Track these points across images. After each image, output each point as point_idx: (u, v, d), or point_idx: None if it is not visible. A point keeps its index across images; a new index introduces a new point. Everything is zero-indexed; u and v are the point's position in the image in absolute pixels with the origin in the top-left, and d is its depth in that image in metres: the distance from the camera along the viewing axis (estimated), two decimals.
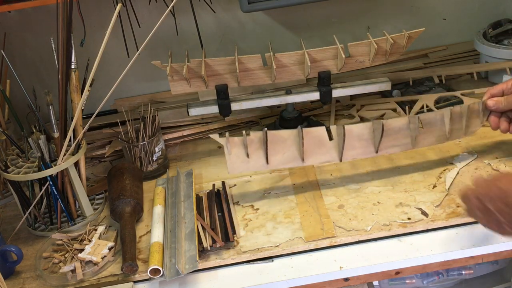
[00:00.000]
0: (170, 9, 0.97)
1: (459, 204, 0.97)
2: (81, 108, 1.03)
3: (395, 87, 1.37)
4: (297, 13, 1.42)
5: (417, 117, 1.03)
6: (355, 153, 1.04)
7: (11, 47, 1.33)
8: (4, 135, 1.12)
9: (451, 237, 0.92)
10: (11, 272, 0.98)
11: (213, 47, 1.43)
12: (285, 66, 1.13)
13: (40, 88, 1.38)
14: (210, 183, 1.14)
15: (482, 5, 1.48)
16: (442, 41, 1.52)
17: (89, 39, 1.22)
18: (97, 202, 1.14)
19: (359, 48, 1.13)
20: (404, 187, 1.04)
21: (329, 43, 1.15)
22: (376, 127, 1.02)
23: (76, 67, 1.02)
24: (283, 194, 1.07)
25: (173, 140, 1.33)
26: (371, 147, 1.04)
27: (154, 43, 1.38)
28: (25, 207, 1.06)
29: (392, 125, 1.03)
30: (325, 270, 0.90)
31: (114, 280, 0.93)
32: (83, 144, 1.07)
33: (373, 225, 0.95)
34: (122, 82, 0.98)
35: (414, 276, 1.37)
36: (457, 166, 1.07)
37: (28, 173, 1.02)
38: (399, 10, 1.45)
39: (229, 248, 0.95)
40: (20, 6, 1.11)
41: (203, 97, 1.34)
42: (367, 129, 1.03)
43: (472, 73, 1.38)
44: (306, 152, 1.02)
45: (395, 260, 0.90)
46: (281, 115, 1.23)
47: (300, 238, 0.95)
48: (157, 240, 0.95)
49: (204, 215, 1.02)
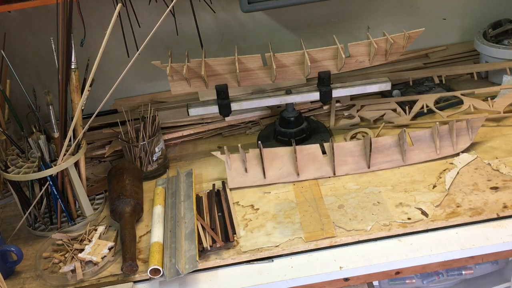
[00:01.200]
0: (170, 9, 0.97)
1: (459, 204, 0.97)
2: (81, 108, 1.03)
3: (395, 87, 1.37)
4: (297, 13, 1.42)
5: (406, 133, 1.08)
6: (347, 168, 1.10)
7: (11, 47, 1.33)
8: (4, 135, 1.12)
9: (451, 237, 0.92)
10: (11, 272, 0.98)
11: (213, 47, 1.43)
12: (285, 66, 1.13)
13: (40, 88, 1.39)
14: (210, 183, 1.14)
15: (482, 5, 1.48)
16: (442, 41, 1.52)
17: (89, 39, 1.22)
18: (97, 202, 1.14)
19: (359, 48, 1.13)
20: (404, 187, 1.04)
21: (329, 43, 1.15)
22: (366, 143, 1.08)
23: (76, 67, 1.02)
24: (283, 194, 1.07)
25: (173, 140, 1.33)
26: (363, 163, 1.10)
27: (154, 43, 1.38)
28: (25, 207, 1.06)
29: (381, 142, 1.10)
30: (325, 270, 0.90)
31: (114, 280, 0.93)
32: (83, 144, 1.07)
33: (373, 225, 0.95)
34: (122, 82, 0.98)
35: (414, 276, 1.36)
36: (457, 166, 1.07)
37: (28, 173, 1.02)
38: (399, 10, 1.45)
39: (229, 248, 0.95)
40: (20, 6, 1.11)
41: (203, 97, 1.34)
42: (359, 146, 1.11)
43: (472, 73, 1.38)
44: (301, 168, 1.11)
45: (395, 260, 0.90)
46: (281, 115, 1.23)
47: (300, 238, 0.95)
48: (157, 240, 0.95)
49: (204, 215, 1.02)
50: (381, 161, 1.10)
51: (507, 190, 0.99)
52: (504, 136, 1.15)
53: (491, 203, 0.96)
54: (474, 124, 1.11)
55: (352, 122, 1.28)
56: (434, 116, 1.26)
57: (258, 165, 1.11)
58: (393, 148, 1.11)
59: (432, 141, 1.11)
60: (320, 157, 1.11)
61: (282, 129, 1.22)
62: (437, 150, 1.10)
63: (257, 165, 1.11)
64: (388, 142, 1.11)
